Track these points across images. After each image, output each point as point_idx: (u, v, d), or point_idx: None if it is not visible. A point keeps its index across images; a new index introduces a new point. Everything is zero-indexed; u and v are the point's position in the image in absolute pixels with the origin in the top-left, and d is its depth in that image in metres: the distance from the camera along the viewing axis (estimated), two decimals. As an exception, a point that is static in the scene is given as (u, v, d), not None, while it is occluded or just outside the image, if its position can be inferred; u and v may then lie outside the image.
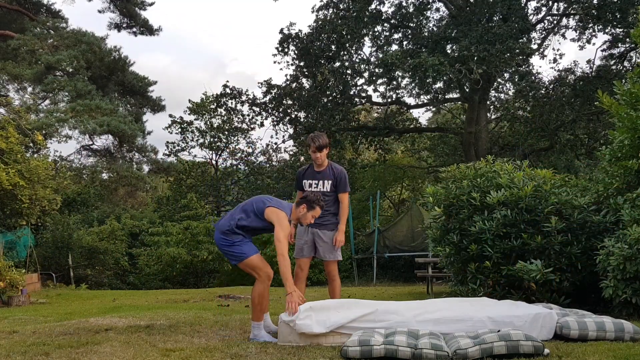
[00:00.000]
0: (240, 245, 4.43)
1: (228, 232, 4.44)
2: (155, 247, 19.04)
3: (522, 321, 4.03)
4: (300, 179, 5.24)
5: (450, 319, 4.14)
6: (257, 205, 4.48)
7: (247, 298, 9.37)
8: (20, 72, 17.67)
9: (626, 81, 6.02)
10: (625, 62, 17.63)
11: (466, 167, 6.67)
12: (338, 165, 5.26)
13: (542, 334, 3.97)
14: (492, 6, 16.56)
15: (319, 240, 5.05)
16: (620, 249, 4.85)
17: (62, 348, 4.06)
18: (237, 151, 28.97)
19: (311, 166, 5.22)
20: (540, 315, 4.08)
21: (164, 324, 5.25)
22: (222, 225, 4.51)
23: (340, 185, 5.08)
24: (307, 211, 4.49)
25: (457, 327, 4.04)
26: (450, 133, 22.09)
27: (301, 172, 5.29)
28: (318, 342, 4.00)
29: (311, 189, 5.09)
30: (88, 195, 25.13)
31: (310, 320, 4.02)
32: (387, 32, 19.32)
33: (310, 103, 19.35)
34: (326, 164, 5.13)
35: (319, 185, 5.10)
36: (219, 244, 4.53)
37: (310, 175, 5.16)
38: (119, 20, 21.68)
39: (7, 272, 10.42)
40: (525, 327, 3.97)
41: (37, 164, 14.06)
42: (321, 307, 4.19)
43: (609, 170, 5.96)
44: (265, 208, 4.41)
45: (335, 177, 5.08)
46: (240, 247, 4.43)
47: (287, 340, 4.08)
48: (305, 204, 4.50)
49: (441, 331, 4.01)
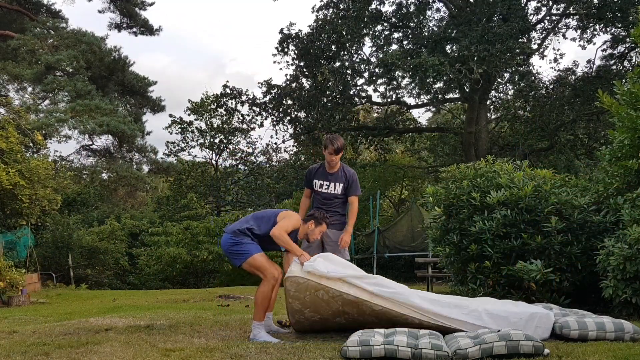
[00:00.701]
0: (244, 244, 4.46)
1: (237, 233, 4.50)
2: (155, 247, 19.05)
3: (517, 318, 4.09)
4: (310, 177, 5.21)
5: (448, 302, 4.28)
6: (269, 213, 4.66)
7: (247, 298, 9.37)
8: (20, 72, 17.65)
9: (626, 81, 6.01)
10: (625, 62, 17.62)
11: (466, 167, 6.67)
12: (350, 168, 5.28)
13: (537, 333, 3.98)
14: (492, 6, 16.55)
15: (327, 238, 5.08)
16: (620, 249, 4.84)
17: (62, 348, 4.06)
18: (237, 151, 28.98)
19: (323, 166, 5.20)
20: (536, 315, 4.11)
21: (164, 324, 5.25)
22: (232, 227, 4.59)
23: (351, 188, 5.11)
24: (315, 227, 4.64)
25: (453, 310, 4.17)
26: (450, 133, 22.08)
27: (312, 171, 5.26)
28: (319, 283, 4.20)
29: (321, 190, 5.13)
30: (88, 195, 25.15)
31: (317, 263, 4.31)
32: (387, 32, 19.32)
33: (310, 103, 19.35)
34: (339, 166, 5.14)
35: (329, 187, 5.10)
36: (225, 245, 4.54)
37: (321, 176, 5.15)
38: (119, 20, 21.67)
39: (7, 272, 10.43)
40: (520, 324, 4.02)
41: (37, 163, 14.07)
42: (328, 258, 4.48)
43: (609, 170, 5.96)
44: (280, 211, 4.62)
45: (347, 179, 5.10)
46: (244, 245, 4.45)
47: (295, 274, 4.27)
48: (313, 220, 4.65)
49: (436, 311, 4.14)
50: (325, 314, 4.35)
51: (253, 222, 4.55)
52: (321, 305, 4.29)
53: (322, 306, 4.30)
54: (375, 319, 4.24)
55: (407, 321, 4.16)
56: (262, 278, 4.49)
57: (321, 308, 4.31)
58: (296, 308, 4.36)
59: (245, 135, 28.10)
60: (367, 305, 4.19)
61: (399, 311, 4.18)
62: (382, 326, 4.11)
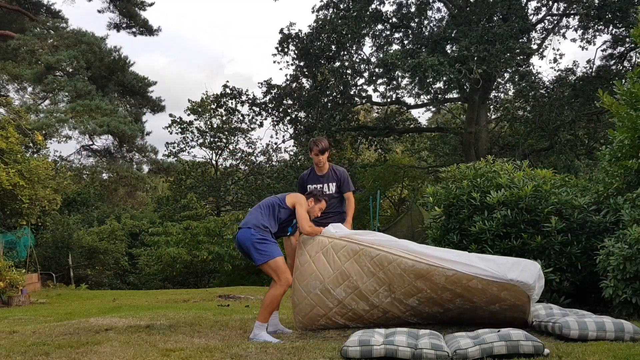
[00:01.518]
0: (269, 244, 4.45)
1: (261, 229, 4.46)
2: (155, 247, 19.05)
3: (504, 260, 4.45)
4: (304, 184, 5.39)
5: (445, 250, 4.69)
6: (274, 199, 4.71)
7: (247, 298, 9.38)
8: (20, 72, 17.65)
9: (626, 81, 6.01)
10: (625, 62, 17.62)
11: (466, 167, 6.67)
12: (339, 167, 5.49)
13: (523, 276, 4.22)
14: (492, 6, 16.55)
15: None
16: (620, 249, 4.84)
17: (62, 348, 4.06)
18: (237, 151, 28.97)
19: (312, 170, 5.40)
20: (522, 261, 4.50)
21: (164, 324, 5.25)
22: (252, 221, 4.52)
23: (344, 185, 5.32)
24: (315, 204, 4.76)
25: (449, 254, 4.50)
26: (450, 133, 22.08)
27: (304, 177, 5.46)
28: (333, 242, 4.65)
29: None
30: (88, 195, 25.15)
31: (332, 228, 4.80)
32: (388, 32, 19.32)
33: (310, 103, 19.35)
34: (327, 167, 5.33)
35: (323, 188, 5.28)
36: (248, 239, 4.43)
37: (313, 179, 5.34)
38: (119, 20, 21.67)
39: (7, 272, 10.44)
40: (507, 265, 4.32)
41: (37, 164, 14.06)
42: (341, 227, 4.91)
43: (609, 170, 5.96)
44: (286, 195, 4.72)
45: (338, 178, 5.31)
46: (269, 245, 4.44)
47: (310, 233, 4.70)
48: (312, 198, 4.78)
49: (431, 253, 4.42)
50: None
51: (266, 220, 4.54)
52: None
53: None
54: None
55: (401, 263, 4.42)
56: (275, 280, 4.45)
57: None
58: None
59: (246, 135, 28.09)
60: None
61: (394, 253, 4.48)
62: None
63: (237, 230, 4.64)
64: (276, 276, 4.43)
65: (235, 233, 4.71)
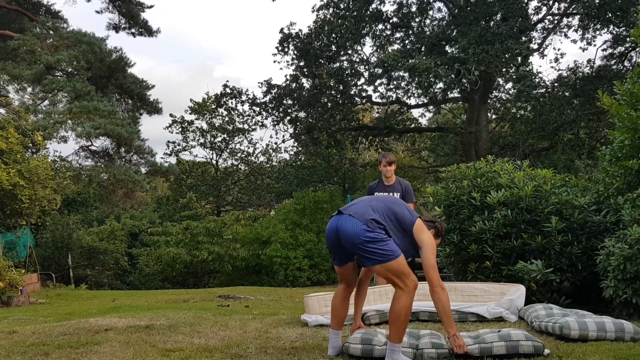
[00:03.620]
0: (388, 242, 3.43)
1: (374, 224, 3.43)
2: (155, 247, 19.05)
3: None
4: (372, 192, 6.21)
5: None
6: (397, 209, 3.62)
7: (247, 298, 9.38)
8: (20, 73, 17.62)
9: (626, 81, 6.00)
10: (625, 62, 17.60)
11: (466, 167, 6.67)
12: (404, 180, 6.40)
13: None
14: (492, 6, 16.54)
15: None
16: (620, 249, 4.84)
17: (62, 348, 4.06)
18: (237, 151, 28.98)
19: (381, 181, 6.33)
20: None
21: (164, 324, 5.24)
22: (362, 212, 3.49)
23: (407, 196, 6.14)
24: (435, 239, 3.77)
25: None
26: (451, 133, 22.07)
27: (372, 187, 6.37)
28: None
29: None
30: (88, 196, 25.14)
31: None
32: (389, 32, 19.30)
33: (310, 103, 19.33)
34: (394, 178, 6.26)
35: None
36: (360, 235, 3.38)
37: (381, 189, 6.22)
38: (118, 20, 21.65)
39: (7, 272, 10.43)
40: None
41: (37, 164, 14.04)
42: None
43: (609, 170, 5.95)
44: (415, 220, 3.62)
45: (403, 188, 6.21)
46: (389, 244, 3.42)
47: None
48: (434, 231, 3.82)
49: None
50: None
51: (374, 213, 3.50)
52: None
53: None
54: None
55: None
56: (400, 285, 3.45)
57: None
58: None
59: (246, 135, 28.11)
60: None
61: None
62: None
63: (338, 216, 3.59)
64: (400, 280, 3.44)
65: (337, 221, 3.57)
